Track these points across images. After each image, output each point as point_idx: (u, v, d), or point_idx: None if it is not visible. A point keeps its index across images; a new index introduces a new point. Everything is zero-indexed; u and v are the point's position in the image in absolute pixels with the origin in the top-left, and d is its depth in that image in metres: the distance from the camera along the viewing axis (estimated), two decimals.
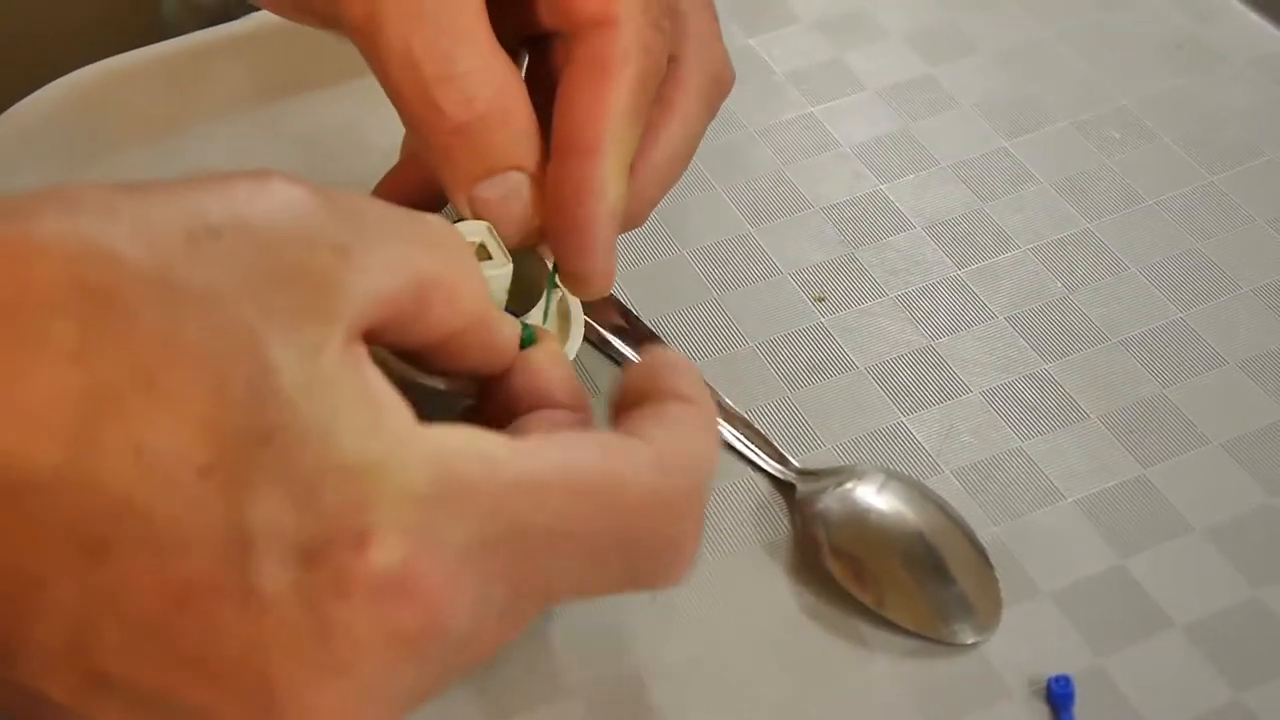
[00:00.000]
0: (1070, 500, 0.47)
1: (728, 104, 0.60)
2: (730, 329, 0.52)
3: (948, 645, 0.43)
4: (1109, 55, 0.63)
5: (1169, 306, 0.52)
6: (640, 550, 0.35)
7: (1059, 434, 0.49)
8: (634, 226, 0.46)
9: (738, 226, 0.55)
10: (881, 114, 0.60)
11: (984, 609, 0.44)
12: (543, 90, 0.44)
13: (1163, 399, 0.50)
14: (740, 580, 0.45)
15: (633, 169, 0.44)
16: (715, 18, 0.48)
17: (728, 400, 0.49)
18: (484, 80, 0.41)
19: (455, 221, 0.44)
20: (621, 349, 0.50)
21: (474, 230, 0.42)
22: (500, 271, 0.42)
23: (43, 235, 0.29)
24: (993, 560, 0.45)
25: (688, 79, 0.46)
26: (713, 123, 0.59)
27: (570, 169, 0.42)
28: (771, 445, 0.48)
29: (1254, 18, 0.64)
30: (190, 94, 0.61)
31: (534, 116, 0.42)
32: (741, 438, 0.48)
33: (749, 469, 0.48)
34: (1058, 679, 0.42)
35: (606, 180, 0.42)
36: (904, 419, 0.49)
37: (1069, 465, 0.48)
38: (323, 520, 0.30)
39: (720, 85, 0.48)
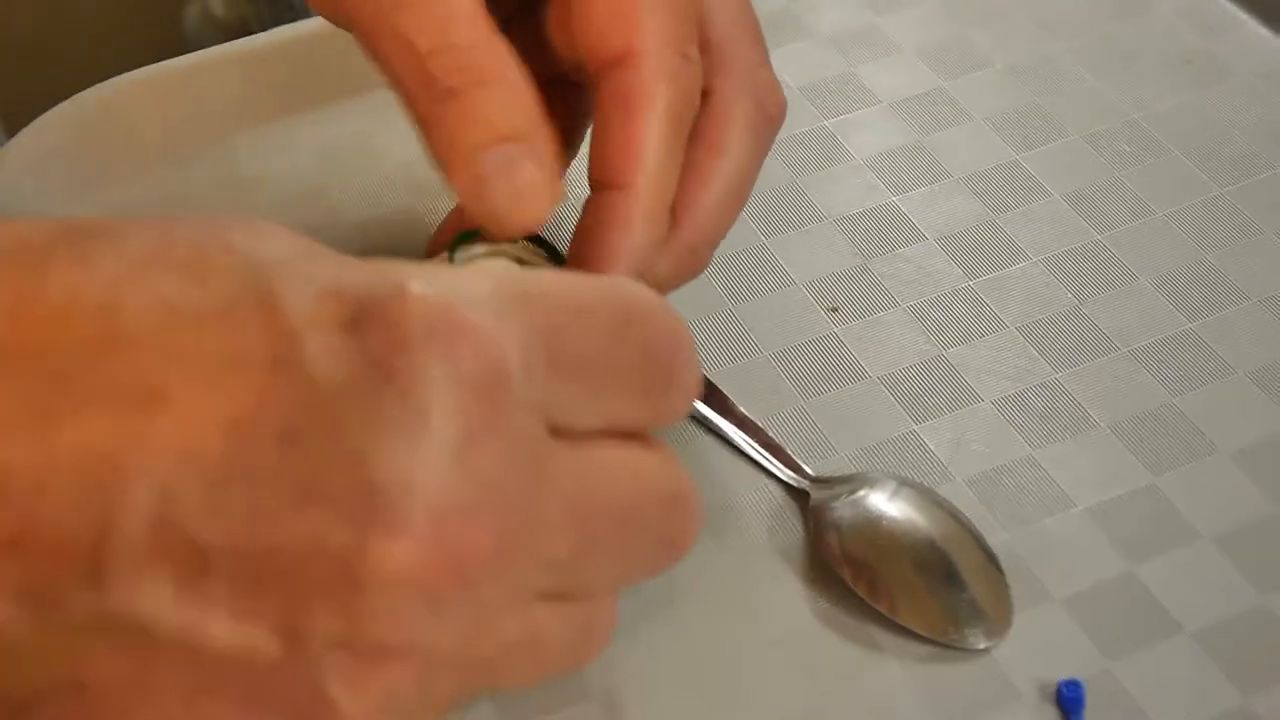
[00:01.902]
0: (1081, 508, 0.47)
1: None
2: (744, 339, 0.52)
3: (959, 650, 0.44)
4: (1119, 69, 0.63)
5: (1178, 317, 0.53)
6: (653, 340, 0.34)
7: (1069, 442, 0.49)
8: (697, 271, 0.46)
9: (751, 238, 0.56)
10: (894, 127, 0.61)
11: (995, 614, 0.44)
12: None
13: (1172, 408, 0.50)
14: (755, 585, 0.46)
15: (682, 213, 0.44)
16: (761, 44, 0.47)
17: (742, 409, 0.50)
18: (477, 51, 0.40)
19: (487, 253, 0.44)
20: None
21: (517, 254, 0.43)
22: None
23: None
24: (1004, 566, 0.45)
25: (729, 113, 0.45)
26: None
27: (599, 203, 0.42)
28: (785, 453, 0.48)
29: (1264, 32, 0.65)
30: (211, 107, 0.61)
31: (534, 91, 0.41)
32: (756, 446, 0.48)
33: (763, 476, 0.48)
34: (1068, 683, 0.42)
35: (634, 216, 0.42)
36: (916, 427, 0.50)
37: (1079, 473, 0.48)
38: (356, 291, 0.30)
39: (768, 115, 0.46)
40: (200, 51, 0.64)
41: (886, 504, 0.46)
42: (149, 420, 0.28)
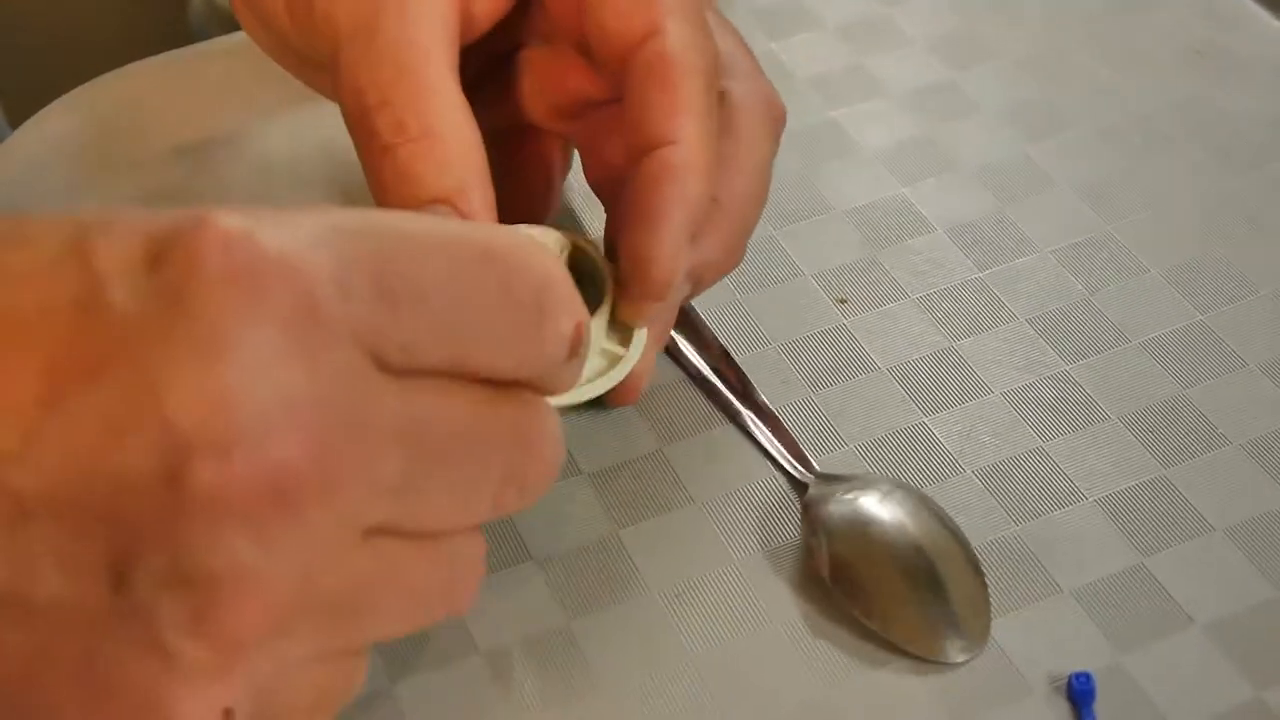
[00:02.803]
0: (1091, 500, 0.47)
1: None
2: (754, 330, 0.52)
3: (935, 664, 0.43)
4: (1130, 61, 0.63)
5: (1189, 309, 0.53)
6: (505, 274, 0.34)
7: (1080, 434, 0.49)
8: (738, 261, 0.47)
9: (761, 229, 0.55)
10: (903, 119, 0.61)
11: (973, 627, 0.44)
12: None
13: (1183, 400, 0.50)
14: (762, 576, 0.45)
15: (727, 200, 0.45)
16: (758, 65, 0.48)
17: (762, 396, 0.50)
18: (418, 110, 0.41)
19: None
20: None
21: (542, 237, 0.44)
22: None
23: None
24: (1007, 562, 0.45)
25: (747, 109, 0.46)
26: None
27: (648, 165, 0.42)
28: (797, 446, 0.48)
29: (1275, 24, 0.65)
30: (215, 99, 0.61)
31: (477, 156, 0.41)
32: (769, 435, 0.48)
33: (772, 466, 0.48)
34: (1079, 675, 0.42)
35: (689, 166, 0.42)
36: (925, 419, 0.49)
37: (1089, 465, 0.48)
38: (161, 227, 0.30)
39: (775, 115, 0.47)
40: (205, 42, 0.64)
41: (877, 506, 0.46)
42: None
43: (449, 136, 0.41)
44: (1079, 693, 0.42)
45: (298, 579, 0.30)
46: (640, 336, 0.44)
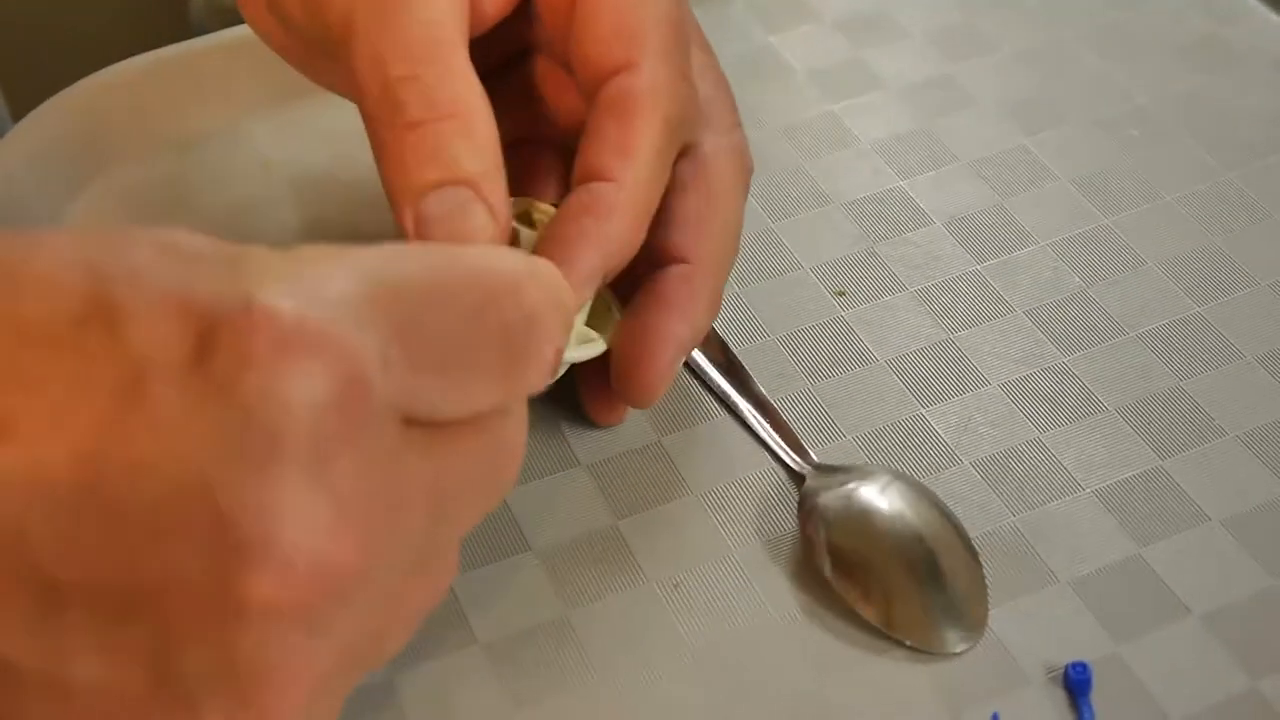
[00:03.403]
0: (1088, 491, 0.47)
1: (750, 102, 0.60)
2: (752, 322, 0.52)
3: (929, 653, 0.43)
4: (1128, 54, 0.63)
5: (1186, 301, 0.53)
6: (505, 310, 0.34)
7: (1077, 426, 0.49)
8: (713, 319, 0.47)
9: (759, 222, 0.56)
10: (901, 112, 0.61)
11: (970, 618, 0.44)
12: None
13: (1180, 392, 0.50)
14: (760, 567, 0.46)
15: (699, 259, 0.45)
16: (735, 110, 0.48)
17: (760, 387, 0.50)
18: (449, 88, 0.40)
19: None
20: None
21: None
22: None
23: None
24: (1005, 552, 0.46)
25: (717, 165, 0.46)
26: None
27: (580, 195, 0.42)
28: (795, 438, 0.48)
29: (1273, 18, 0.65)
30: (216, 92, 0.61)
31: (498, 142, 0.41)
32: (767, 426, 0.49)
33: (770, 457, 0.48)
34: (1075, 665, 0.42)
35: (616, 205, 0.42)
36: (923, 411, 0.50)
37: (1087, 456, 0.48)
38: (202, 307, 0.29)
39: (745, 169, 0.48)
40: (205, 37, 0.64)
41: (876, 497, 0.46)
42: None
43: (475, 118, 0.40)
44: (1076, 682, 0.42)
45: (339, 652, 0.31)
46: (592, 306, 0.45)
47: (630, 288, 0.46)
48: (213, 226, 0.33)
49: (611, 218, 0.42)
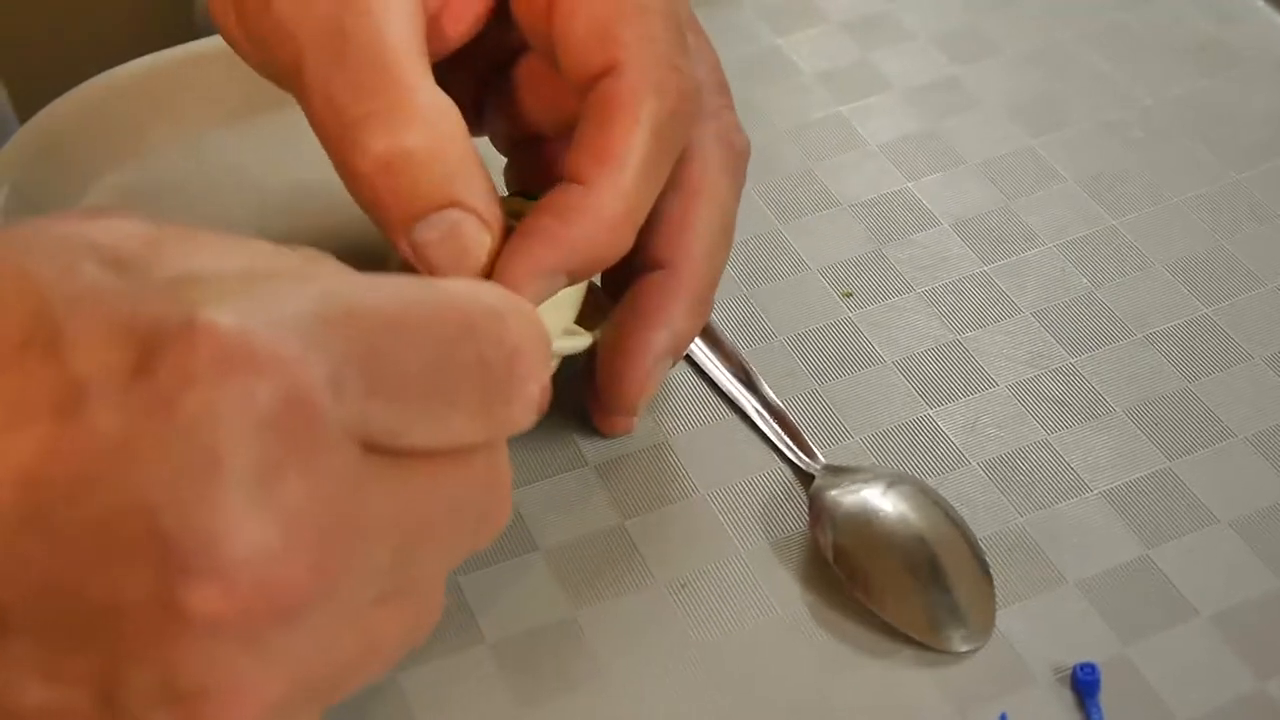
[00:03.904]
0: (1096, 492, 0.47)
1: (758, 103, 0.61)
2: (760, 323, 0.52)
3: (938, 652, 0.43)
4: (1132, 56, 0.63)
5: (1194, 302, 0.53)
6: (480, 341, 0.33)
7: (1085, 427, 0.49)
8: (704, 321, 0.46)
9: (767, 224, 0.56)
10: (908, 113, 0.61)
11: (977, 618, 0.44)
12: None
13: (1187, 393, 0.50)
14: (768, 567, 0.46)
15: (683, 264, 0.44)
16: (727, 91, 0.47)
17: (768, 388, 0.50)
18: (409, 115, 0.39)
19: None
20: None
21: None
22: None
23: None
24: (1013, 553, 0.46)
25: (705, 158, 0.45)
26: (742, 122, 0.60)
27: (555, 193, 0.41)
28: (802, 438, 0.48)
29: (1277, 19, 0.65)
30: (222, 93, 0.61)
31: (475, 153, 0.40)
32: (775, 426, 0.49)
33: (779, 458, 0.48)
34: (1084, 666, 0.42)
35: (581, 212, 0.40)
36: (931, 412, 0.50)
37: (1094, 458, 0.48)
38: (145, 326, 0.28)
39: (738, 155, 0.46)
40: (210, 38, 0.64)
41: (881, 498, 0.46)
42: None
43: (444, 138, 0.39)
44: (1084, 683, 0.42)
45: (293, 674, 0.30)
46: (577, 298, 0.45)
47: (621, 290, 0.46)
48: (219, 228, 0.33)
49: (576, 221, 0.40)
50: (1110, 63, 0.63)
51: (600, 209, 0.40)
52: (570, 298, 0.44)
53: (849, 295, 0.53)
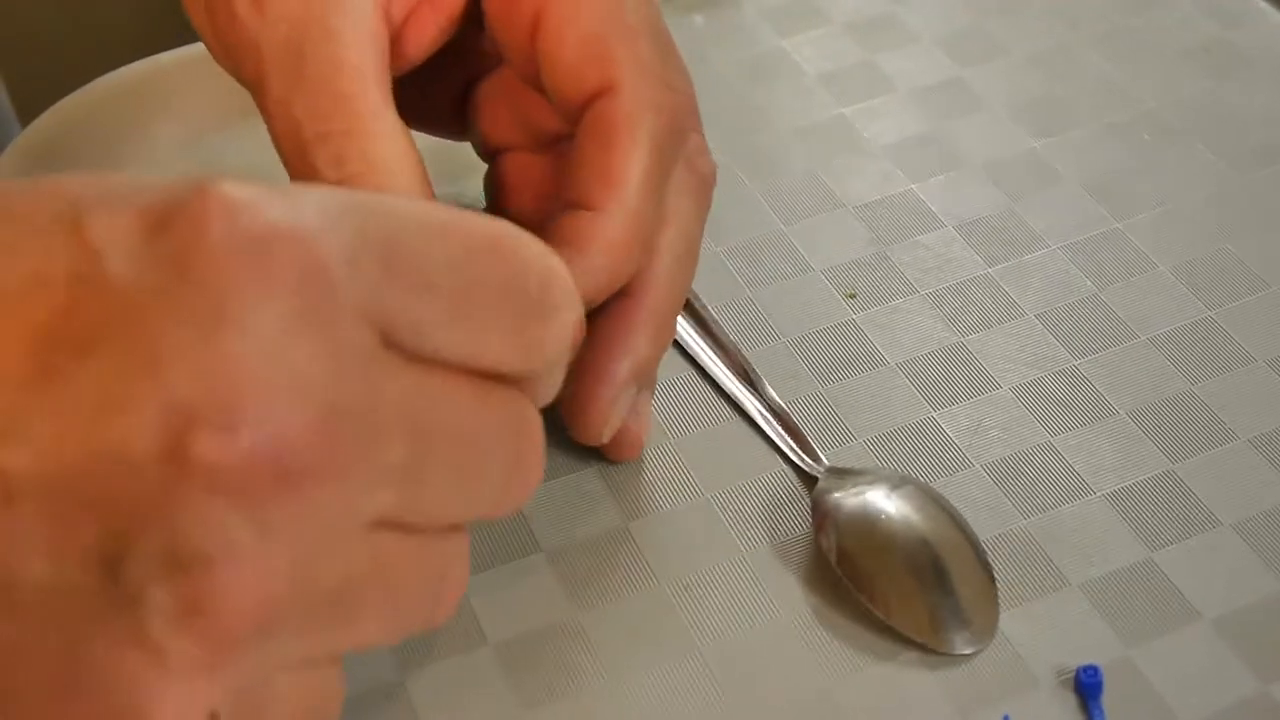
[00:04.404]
0: (1099, 494, 0.47)
1: (761, 105, 0.61)
2: (763, 325, 0.52)
3: (940, 655, 0.43)
4: (1137, 58, 0.63)
5: (1197, 305, 0.53)
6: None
7: (1088, 429, 0.49)
8: (669, 340, 0.46)
9: (770, 225, 0.56)
10: (912, 115, 0.61)
11: (980, 621, 0.44)
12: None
13: (1191, 395, 0.50)
14: (771, 569, 0.46)
15: (642, 290, 0.43)
16: (695, 112, 0.46)
17: (771, 390, 0.50)
18: (358, 142, 0.40)
19: None
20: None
21: None
22: None
23: None
24: (1016, 556, 0.46)
25: (675, 181, 0.44)
26: (746, 124, 0.60)
27: (562, 223, 0.41)
28: (806, 440, 0.48)
29: None
30: (222, 95, 0.61)
31: (421, 181, 0.41)
32: (778, 428, 0.49)
33: (782, 460, 0.48)
34: (1086, 669, 0.42)
35: (593, 239, 0.41)
36: (934, 414, 0.50)
37: (1098, 460, 0.48)
38: (162, 198, 0.29)
39: (703, 180, 0.45)
40: None
41: (884, 500, 0.46)
42: None
43: (390, 165, 0.40)
44: (1087, 686, 0.42)
45: (295, 566, 0.29)
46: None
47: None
48: None
49: (590, 250, 0.41)
50: (1115, 65, 0.63)
51: (613, 233, 0.41)
52: None
53: (852, 297, 0.53)
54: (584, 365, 0.44)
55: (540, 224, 0.46)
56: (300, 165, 0.41)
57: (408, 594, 0.33)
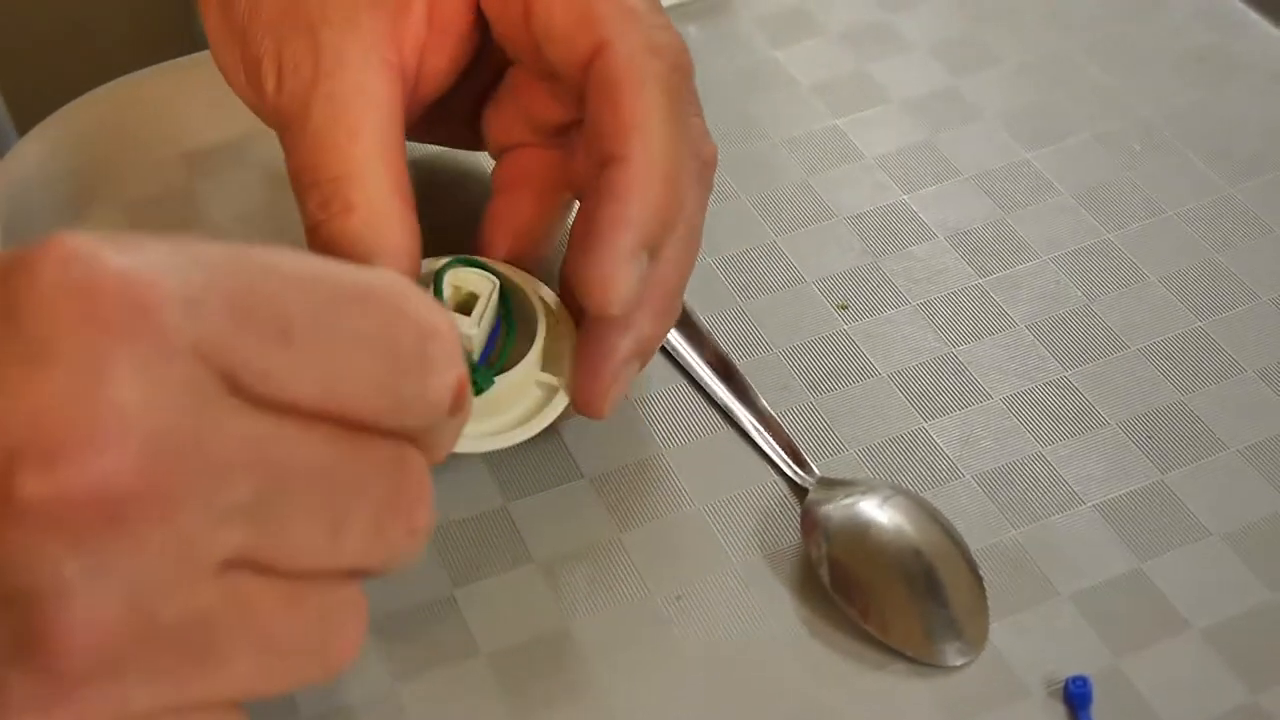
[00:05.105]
0: (1089, 505, 0.47)
1: (754, 114, 0.61)
2: (755, 335, 0.53)
3: (929, 667, 0.44)
4: (1130, 68, 0.63)
5: (1188, 315, 0.53)
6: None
7: (1078, 440, 0.49)
8: (672, 322, 0.46)
9: (763, 235, 0.56)
10: (905, 125, 0.61)
11: (971, 632, 0.44)
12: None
13: (1181, 406, 0.50)
14: (762, 580, 0.46)
15: (648, 268, 0.44)
16: (695, 97, 0.46)
17: (762, 400, 0.50)
18: (341, 188, 0.42)
19: (464, 265, 0.45)
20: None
21: (474, 282, 0.44)
22: (471, 332, 0.43)
23: None
24: (1006, 566, 0.46)
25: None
26: (739, 134, 0.60)
27: (599, 182, 0.42)
28: (797, 451, 0.48)
29: (1274, 31, 0.65)
30: (222, 105, 0.61)
31: (398, 226, 0.42)
32: (769, 439, 0.49)
33: (774, 470, 0.48)
34: (1075, 679, 0.43)
35: (629, 187, 0.41)
36: (925, 425, 0.50)
37: (1088, 470, 0.48)
38: (9, 253, 0.30)
39: (705, 163, 0.46)
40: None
41: (875, 511, 0.46)
42: None
43: (371, 210, 0.42)
44: (1076, 696, 0.42)
45: (132, 603, 0.29)
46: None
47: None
48: (222, 239, 0.33)
49: (633, 197, 0.41)
50: (1107, 75, 0.63)
51: (647, 175, 0.42)
52: (536, 347, 0.45)
53: (844, 308, 0.54)
54: (588, 339, 0.44)
55: (542, 215, 0.48)
56: (300, 207, 0.44)
57: (285, 641, 0.32)
